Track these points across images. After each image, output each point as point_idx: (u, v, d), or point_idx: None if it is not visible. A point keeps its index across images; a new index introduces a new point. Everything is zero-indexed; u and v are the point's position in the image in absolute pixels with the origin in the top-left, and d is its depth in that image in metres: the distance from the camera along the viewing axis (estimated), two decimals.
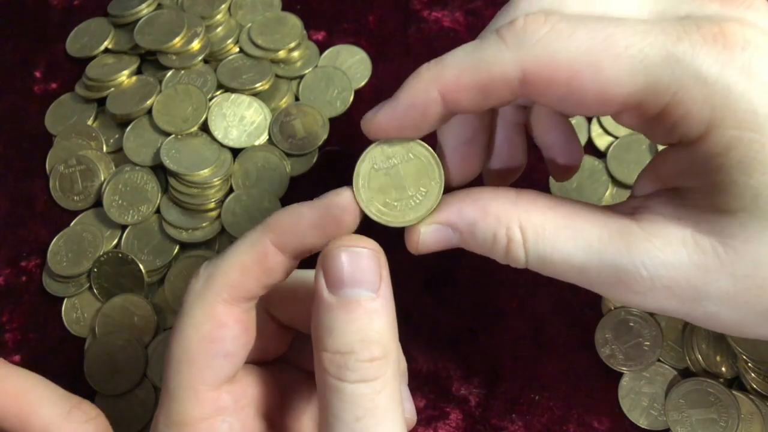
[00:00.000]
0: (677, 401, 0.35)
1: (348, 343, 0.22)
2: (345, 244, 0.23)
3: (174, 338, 0.24)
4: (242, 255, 0.24)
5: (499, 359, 0.37)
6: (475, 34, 0.46)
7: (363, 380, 0.22)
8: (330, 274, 0.23)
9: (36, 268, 0.41)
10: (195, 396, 0.24)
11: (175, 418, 0.24)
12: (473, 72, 0.22)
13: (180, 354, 0.24)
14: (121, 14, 0.46)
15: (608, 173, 0.41)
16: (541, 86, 0.22)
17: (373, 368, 0.22)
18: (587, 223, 0.23)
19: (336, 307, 0.23)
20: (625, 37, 0.21)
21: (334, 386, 0.22)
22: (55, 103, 0.46)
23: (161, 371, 0.37)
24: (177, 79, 0.44)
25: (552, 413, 0.36)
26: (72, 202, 0.42)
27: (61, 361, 0.39)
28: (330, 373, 0.22)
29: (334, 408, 0.22)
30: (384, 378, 0.22)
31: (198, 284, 0.25)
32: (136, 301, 0.39)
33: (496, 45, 0.22)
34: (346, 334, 0.22)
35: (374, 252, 0.23)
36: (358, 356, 0.22)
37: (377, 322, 0.23)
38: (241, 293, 0.24)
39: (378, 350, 0.22)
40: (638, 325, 0.37)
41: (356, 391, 0.22)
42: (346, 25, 0.47)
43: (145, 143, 0.42)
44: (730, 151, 0.21)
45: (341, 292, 0.23)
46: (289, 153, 0.43)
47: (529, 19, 0.22)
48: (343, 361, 0.22)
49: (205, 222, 0.40)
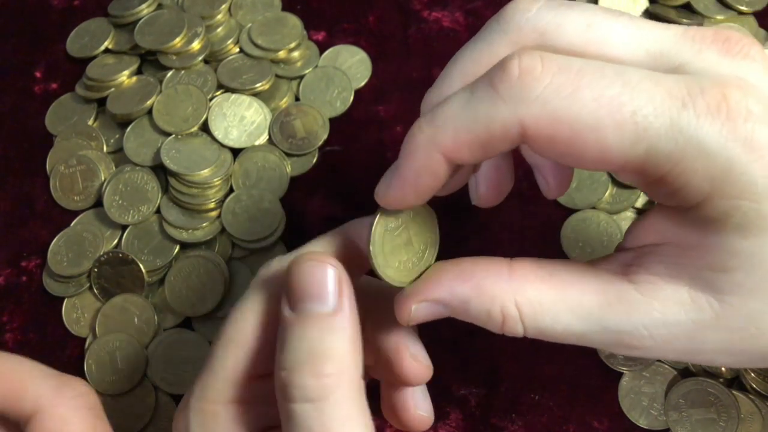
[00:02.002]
0: (677, 401, 0.35)
1: (295, 360, 0.21)
2: (305, 260, 0.23)
3: (232, 317, 0.24)
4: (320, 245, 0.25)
5: (499, 359, 0.37)
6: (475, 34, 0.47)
7: (308, 400, 0.21)
8: (290, 289, 0.23)
9: (36, 268, 0.41)
10: (235, 378, 0.24)
11: (209, 395, 0.24)
12: (470, 131, 0.22)
13: (234, 334, 0.24)
14: (121, 14, 0.46)
15: (608, 173, 0.41)
16: (540, 143, 0.21)
17: (320, 386, 0.21)
18: (585, 294, 0.23)
19: (292, 323, 0.22)
20: (631, 100, 0.20)
21: (284, 408, 0.21)
22: (55, 103, 0.46)
23: (162, 371, 0.38)
24: (177, 79, 0.44)
25: (552, 413, 0.36)
26: (72, 202, 0.42)
27: (62, 361, 0.39)
28: (279, 393, 0.22)
29: (288, 429, 0.21)
30: (334, 398, 0.21)
31: (268, 271, 0.25)
32: (137, 301, 0.39)
33: (491, 100, 0.21)
34: (295, 350, 0.22)
35: (334, 268, 0.23)
36: (303, 372, 0.21)
37: (331, 338, 0.22)
38: None
39: (328, 366, 0.21)
40: None
41: (303, 413, 0.21)
42: (346, 25, 0.47)
43: (145, 143, 0.42)
44: (728, 218, 0.21)
45: (299, 307, 0.22)
46: (289, 153, 0.43)
47: (525, 66, 0.21)
48: (289, 379, 0.21)
49: (205, 222, 0.40)
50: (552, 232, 0.40)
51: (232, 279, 0.39)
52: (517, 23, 0.23)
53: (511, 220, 0.41)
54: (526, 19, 0.23)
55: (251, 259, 0.40)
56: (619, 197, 0.40)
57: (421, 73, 0.45)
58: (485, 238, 0.40)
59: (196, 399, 0.24)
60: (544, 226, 0.41)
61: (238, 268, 0.40)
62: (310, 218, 0.42)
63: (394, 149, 0.43)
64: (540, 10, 0.23)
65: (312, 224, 0.41)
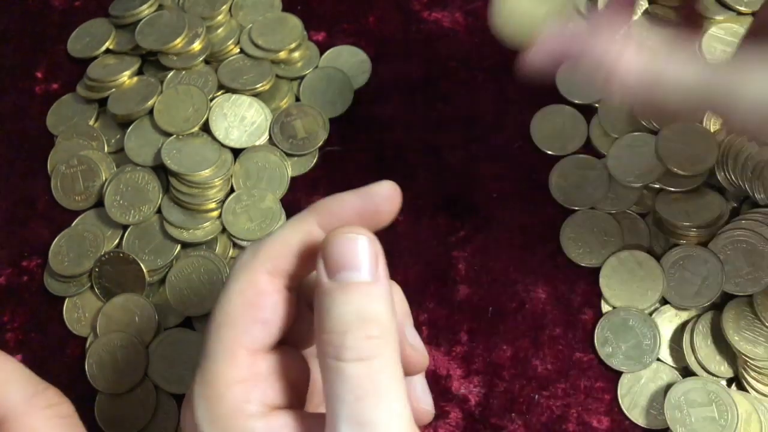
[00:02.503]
0: (676, 400, 0.35)
1: (345, 322, 0.22)
2: (342, 231, 0.24)
3: (218, 304, 0.25)
4: (288, 233, 0.25)
5: (498, 359, 0.37)
6: (475, 34, 0.47)
7: (360, 359, 0.22)
8: (328, 260, 0.23)
9: (37, 267, 0.41)
10: (233, 358, 0.24)
11: (210, 379, 0.24)
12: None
13: (222, 317, 0.25)
14: (121, 15, 0.46)
15: (608, 173, 0.41)
16: None
17: (371, 347, 0.22)
18: None
19: (334, 290, 0.23)
20: None
21: (333, 367, 0.22)
22: (56, 104, 0.46)
23: (162, 370, 0.38)
24: (178, 80, 0.44)
25: (551, 412, 0.36)
26: (73, 202, 0.42)
27: (62, 360, 0.39)
28: (328, 354, 0.22)
29: (335, 389, 0.22)
30: (383, 358, 0.22)
31: (245, 256, 0.25)
32: (137, 301, 0.39)
33: None
34: (342, 314, 0.23)
35: (371, 239, 0.24)
36: (354, 334, 0.22)
37: (374, 303, 0.23)
38: (285, 267, 0.25)
39: (375, 329, 0.22)
40: (637, 325, 0.37)
41: (355, 371, 0.22)
42: (346, 26, 0.48)
43: (146, 143, 0.42)
44: None
45: (338, 276, 0.23)
46: (289, 153, 0.43)
47: None
48: (340, 341, 0.22)
49: (206, 222, 0.40)
50: (552, 232, 0.40)
51: None
52: None
53: (511, 220, 0.41)
54: None
55: None
56: (619, 197, 0.40)
57: (421, 73, 0.45)
58: (485, 238, 0.40)
59: (199, 386, 0.24)
60: (544, 226, 0.41)
61: None
62: None
63: (394, 149, 0.43)
64: None
65: None
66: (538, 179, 0.42)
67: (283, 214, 0.41)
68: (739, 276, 0.37)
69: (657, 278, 0.38)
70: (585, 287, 0.39)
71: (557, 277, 0.39)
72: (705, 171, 0.39)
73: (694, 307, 0.37)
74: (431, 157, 0.43)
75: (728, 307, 0.36)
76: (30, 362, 0.39)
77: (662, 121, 0.36)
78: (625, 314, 0.37)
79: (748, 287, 0.36)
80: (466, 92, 0.45)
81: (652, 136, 0.41)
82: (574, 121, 0.43)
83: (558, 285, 0.39)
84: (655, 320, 0.37)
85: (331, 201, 0.25)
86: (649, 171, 0.40)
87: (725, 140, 0.39)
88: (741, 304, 0.36)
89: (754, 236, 0.37)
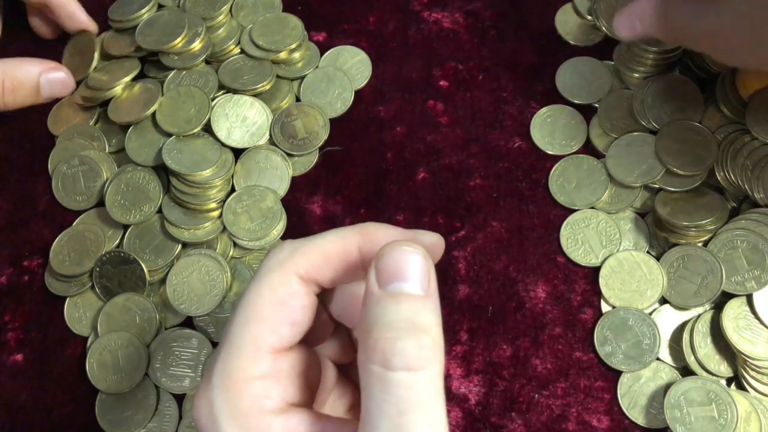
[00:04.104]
0: (676, 399, 0.35)
1: (396, 329, 0.22)
2: (400, 244, 0.24)
3: (247, 297, 0.25)
4: (329, 244, 0.25)
5: (498, 358, 0.38)
6: (475, 34, 0.47)
7: (408, 369, 0.21)
8: (382, 270, 0.23)
9: (38, 267, 0.42)
10: (257, 354, 0.24)
11: (232, 372, 0.24)
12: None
13: (251, 311, 0.24)
14: (121, 19, 0.46)
15: (607, 173, 0.41)
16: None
17: (421, 357, 0.22)
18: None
19: (385, 298, 0.23)
20: None
21: (379, 376, 0.22)
22: (57, 104, 0.46)
23: (162, 371, 0.38)
24: (179, 80, 0.44)
25: (551, 412, 0.36)
26: (74, 202, 0.43)
27: (63, 360, 0.39)
28: (375, 361, 0.22)
29: (378, 400, 0.21)
30: (431, 370, 0.22)
31: (281, 254, 0.25)
32: (138, 301, 0.39)
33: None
34: (394, 321, 0.22)
35: (425, 256, 0.24)
36: (405, 342, 0.22)
37: (426, 315, 0.23)
38: (316, 276, 0.25)
39: (427, 340, 0.22)
40: (637, 324, 0.37)
41: (402, 382, 0.21)
42: (346, 26, 0.48)
43: (147, 143, 0.43)
44: None
45: (390, 287, 0.23)
46: (290, 153, 0.43)
47: None
48: (389, 346, 0.22)
49: (206, 222, 0.41)
50: (552, 232, 0.40)
51: (233, 278, 0.40)
52: None
53: (511, 220, 0.41)
54: None
55: (252, 258, 0.41)
56: (619, 197, 0.40)
57: (421, 73, 0.46)
58: (485, 238, 0.41)
59: (219, 377, 0.24)
60: (544, 226, 0.41)
61: (238, 267, 0.40)
62: (310, 218, 0.42)
63: (394, 149, 0.43)
64: None
65: (312, 224, 0.42)
66: (538, 179, 0.42)
67: (284, 214, 0.41)
68: (739, 276, 0.37)
69: (657, 278, 0.38)
70: (585, 287, 0.39)
71: (557, 277, 0.39)
72: (705, 171, 0.39)
73: (694, 307, 0.37)
74: (431, 157, 0.43)
75: (728, 307, 0.36)
76: (31, 362, 0.40)
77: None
78: (625, 314, 0.37)
79: (748, 287, 0.36)
80: (466, 92, 0.45)
81: (652, 136, 0.41)
82: (574, 121, 0.43)
83: (558, 285, 0.39)
84: (655, 320, 0.37)
85: (378, 228, 0.26)
86: (649, 171, 0.40)
87: (725, 140, 0.40)
88: (741, 304, 0.36)
89: (754, 236, 0.37)
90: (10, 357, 0.39)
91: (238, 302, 0.25)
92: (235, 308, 0.25)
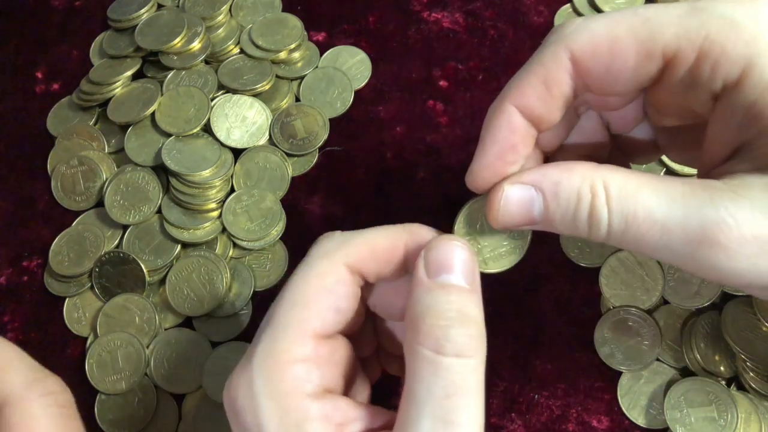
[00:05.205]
0: (676, 400, 0.35)
1: (447, 318, 0.23)
2: (450, 238, 0.25)
3: (295, 281, 0.26)
4: (379, 238, 0.26)
5: (498, 359, 0.37)
6: (475, 34, 0.47)
7: (459, 355, 0.23)
8: (431, 262, 0.25)
9: (38, 267, 0.42)
10: (302, 336, 0.25)
11: (275, 352, 0.24)
12: (531, 72, 0.25)
13: (299, 295, 0.25)
14: (120, 19, 0.46)
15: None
16: (588, 61, 0.24)
17: (470, 345, 0.23)
18: (668, 181, 0.24)
19: (435, 288, 0.24)
20: (645, 11, 0.24)
21: (430, 359, 0.23)
22: (57, 105, 0.46)
23: (162, 370, 0.38)
24: (178, 80, 0.44)
25: (551, 412, 0.36)
26: (74, 203, 0.43)
27: (63, 360, 0.39)
28: (427, 345, 0.23)
29: (426, 382, 0.23)
30: (477, 359, 0.23)
31: (331, 243, 0.26)
32: (138, 301, 0.39)
33: (543, 46, 0.25)
34: (445, 310, 0.23)
35: (472, 252, 0.25)
36: (457, 329, 0.23)
37: (473, 306, 0.24)
38: (363, 268, 0.26)
39: (475, 329, 0.23)
40: (637, 325, 0.37)
41: (451, 367, 0.23)
42: (346, 26, 0.48)
43: (146, 144, 0.43)
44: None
45: (440, 278, 0.24)
46: (289, 153, 0.43)
47: (564, 20, 0.24)
48: (442, 333, 0.23)
49: (206, 222, 0.41)
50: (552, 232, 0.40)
51: (233, 279, 0.40)
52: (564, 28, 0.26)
53: None
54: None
55: (251, 258, 0.41)
56: None
57: (421, 73, 0.45)
58: None
59: (261, 357, 0.24)
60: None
61: (238, 267, 0.40)
62: (310, 218, 0.42)
63: (394, 149, 0.43)
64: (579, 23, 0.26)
65: (312, 224, 0.42)
66: None
67: (283, 215, 0.41)
68: None
69: (657, 278, 0.38)
70: (585, 287, 0.39)
71: (557, 277, 0.39)
72: None
73: (694, 307, 0.37)
74: (431, 157, 0.43)
75: (728, 307, 0.36)
76: None
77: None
78: (625, 314, 0.37)
79: None
80: (466, 92, 0.45)
81: None
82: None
83: (558, 285, 0.39)
84: (655, 320, 0.37)
85: (427, 231, 0.27)
86: (649, 171, 0.40)
87: None
88: (741, 304, 0.36)
89: None
90: None
91: (285, 287, 0.26)
92: (281, 293, 0.26)
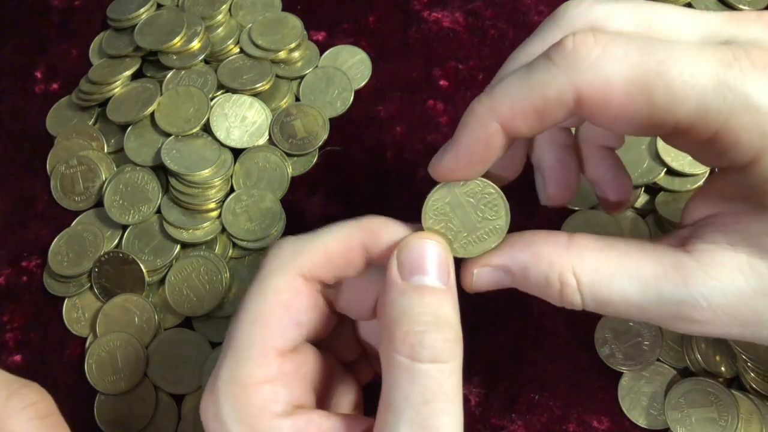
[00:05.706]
0: (677, 401, 0.35)
1: (422, 323, 0.23)
2: (422, 236, 0.25)
3: (250, 299, 0.25)
4: (332, 243, 0.26)
5: (499, 359, 0.37)
6: (475, 34, 0.47)
7: (435, 360, 0.22)
8: (404, 263, 0.24)
9: (37, 268, 0.41)
10: (264, 357, 0.24)
11: (239, 377, 0.24)
12: (527, 98, 0.22)
13: (255, 315, 0.25)
14: (119, 18, 0.46)
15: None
16: (594, 108, 0.22)
17: (446, 350, 0.23)
18: (641, 261, 0.23)
19: (409, 290, 0.24)
20: (677, 62, 0.21)
21: (406, 366, 0.23)
22: (56, 105, 0.46)
23: (162, 371, 0.38)
24: (178, 80, 0.44)
25: (551, 413, 0.36)
26: (73, 203, 0.42)
27: (62, 360, 0.39)
28: (402, 352, 0.23)
29: (403, 389, 0.22)
30: (454, 363, 0.23)
31: (283, 254, 0.25)
32: (137, 301, 0.39)
33: (547, 68, 0.22)
34: (420, 314, 0.23)
35: (446, 249, 0.25)
36: (432, 335, 0.23)
37: (449, 307, 0.24)
38: (320, 275, 0.25)
39: (450, 333, 0.23)
40: (637, 325, 0.37)
41: (428, 373, 0.22)
42: (346, 26, 0.48)
43: (146, 143, 0.42)
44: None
45: (414, 279, 0.24)
46: (289, 153, 0.43)
47: (579, 40, 0.22)
48: (417, 339, 0.23)
49: (205, 222, 0.40)
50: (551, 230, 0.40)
51: (232, 279, 0.40)
52: (569, 17, 0.25)
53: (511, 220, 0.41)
54: (577, 13, 0.25)
55: (251, 259, 0.40)
56: None
57: (421, 73, 0.45)
58: None
59: (225, 382, 0.24)
60: (544, 226, 0.40)
61: (238, 268, 0.40)
62: (310, 218, 0.42)
63: (394, 149, 0.43)
64: (591, 5, 0.24)
65: (312, 224, 0.41)
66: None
67: (283, 214, 0.41)
68: None
69: None
70: None
71: None
72: (705, 171, 0.39)
73: None
74: (431, 157, 0.43)
75: None
76: (29, 363, 0.39)
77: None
78: None
79: None
80: (466, 92, 0.45)
81: None
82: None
83: None
84: None
85: (381, 224, 0.26)
86: (649, 171, 0.40)
87: None
88: None
89: None
90: (9, 358, 0.39)
91: (241, 305, 0.25)
92: (237, 311, 0.25)
